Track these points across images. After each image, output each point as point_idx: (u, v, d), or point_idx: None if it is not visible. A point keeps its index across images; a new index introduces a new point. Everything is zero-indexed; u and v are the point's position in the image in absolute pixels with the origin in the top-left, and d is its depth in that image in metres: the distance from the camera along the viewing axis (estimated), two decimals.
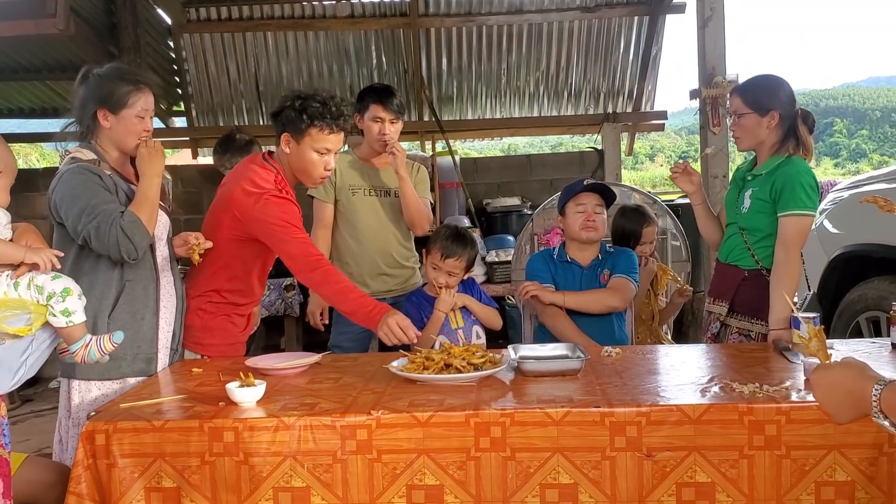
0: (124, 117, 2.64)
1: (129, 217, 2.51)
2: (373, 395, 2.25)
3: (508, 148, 20.81)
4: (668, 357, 2.74)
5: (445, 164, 7.48)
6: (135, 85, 2.66)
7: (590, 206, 3.42)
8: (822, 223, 4.79)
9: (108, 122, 2.64)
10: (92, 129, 2.67)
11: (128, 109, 2.64)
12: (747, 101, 3.02)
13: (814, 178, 2.95)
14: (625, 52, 7.99)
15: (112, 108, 2.63)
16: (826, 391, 1.50)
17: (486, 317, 3.34)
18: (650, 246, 3.93)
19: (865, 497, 2.01)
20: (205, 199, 7.81)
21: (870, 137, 50.78)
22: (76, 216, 2.50)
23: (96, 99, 2.64)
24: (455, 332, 3.21)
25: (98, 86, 2.65)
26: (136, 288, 2.65)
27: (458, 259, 3.20)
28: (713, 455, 2.02)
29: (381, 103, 3.62)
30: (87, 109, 2.66)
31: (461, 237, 3.25)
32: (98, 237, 2.47)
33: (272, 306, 6.30)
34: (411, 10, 7.53)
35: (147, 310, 2.68)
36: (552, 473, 2.03)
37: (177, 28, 7.63)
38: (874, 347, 2.72)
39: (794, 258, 2.89)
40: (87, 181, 2.54)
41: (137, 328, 2.64)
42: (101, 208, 2.50)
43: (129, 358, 2.64)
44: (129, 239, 2.48)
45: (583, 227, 3.42)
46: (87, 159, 2.61)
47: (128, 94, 2.64)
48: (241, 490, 2.07)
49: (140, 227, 2.52)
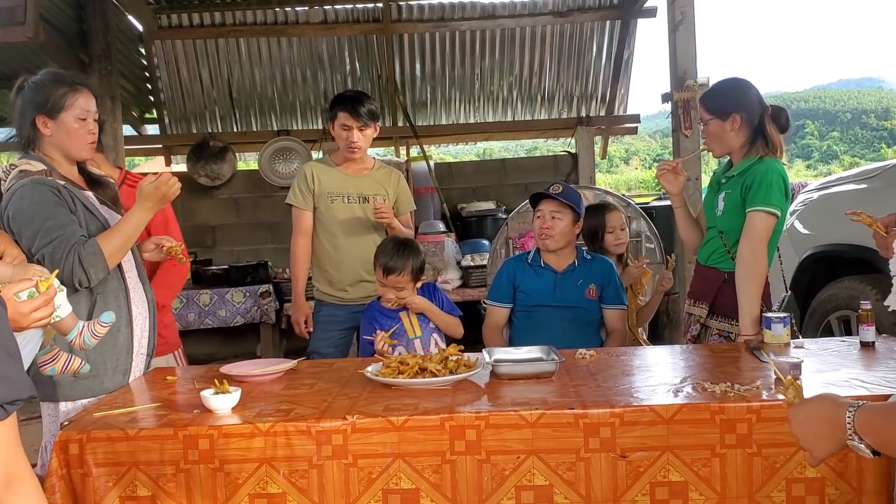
0: (63, 121, 2.53)
1: (90, 248, 2.42)
2: (348, 400, 2.25)
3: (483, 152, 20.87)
4: (642, 358, 2.76)
5: (420, 169, 7.51)
6: (70, 86, 2.54)
7: (546, 212, 3.42)
8: (793, 224, 4.85)
9: (48, 128, 2.53)
10: (33, 138, 2.55)
11: (66, 112, 2.52)
12: (709, 108, 3.06)
13: (783, 178, 2.96)
14: (597, 56, 8.06)
15: (49, 113, 2.52)
16: (802, 424, 1.52)
17: (446, 325, 3.28)
18: (623, 232, 3.90)
19: (835, 493, 2.04)
20: (178, 206, 7.72)
21: (841, 139, 51.40)
22: (30, 237, 2.40)
23: (33, 106, 2.52)
24: (412, 342, 3.19)
25: (34, 92, 2.53)
26: (107, 300, 2.56)
27: (400, 273, 3.13)
28: (686, 454, 2.04)
29: (348, 111, 3.63)
30: (25, 118, 2.54)
31: (400, 250, 3.16)
32: (52, 262, 2.36)
33: (248, 313, 6.29)
34: (384, 15, 7.54)
35: (121, 321, 2.60)
36: (527, 475, 2.05)
37: (148, 35, 7.59)
38: (843, 346, 2.76)
39: (760, 255, 2.90)
40: (42, 199, 2.43)
41: (115, 341, 2.59)
42: (58, 233, 2.41)
43: (110, 371, 2.59)
44: (84, 270, 2.40)
45: (539, 234, 3.44)
46: (37, 171, 2.49)
47: (63, 97, 2.52)
48: (217, 497, 2.06)
49: (100, 259, 2.43)
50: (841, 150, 48.77)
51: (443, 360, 2.47)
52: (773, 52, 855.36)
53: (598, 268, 3.50)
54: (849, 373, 2.34)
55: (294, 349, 6.18)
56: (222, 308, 6.26)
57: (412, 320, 3.24)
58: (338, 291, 3.77)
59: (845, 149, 48.96)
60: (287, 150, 7.58)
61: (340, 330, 3.80)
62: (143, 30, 7.62)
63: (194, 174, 7.61)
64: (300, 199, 3.71)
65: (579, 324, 3.40)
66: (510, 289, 3.49)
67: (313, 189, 3.71)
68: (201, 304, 6.23)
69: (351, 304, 3.77)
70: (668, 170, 3.25)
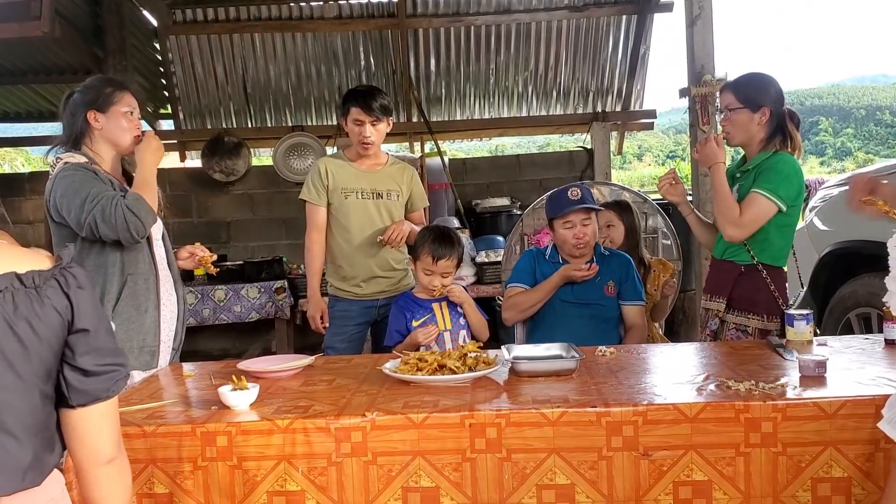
0: (113, 114, 2.78)
1: (132, 196, 2.64)
2: (367, 397, 2.23)
3: (496, 149, 20.82)
4: (663, 356, 2.73)
5: (434, 165, 7.48)
6: (117, 86, 2.83)
7: (577, 222, 3.38)
8: (812, 220, 4.81)
9: (98, 122, 2.77)
10: (84, 132, 2.78)
11: (115, 106, 2.78)
12: (740, 97, 3.04)
13: (796, 172, 2.98)
14: (613, 52, 8.01)
15: (100, 108, 2.76)
16: None
17: (478, 322, 3.29)
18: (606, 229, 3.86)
19: (862, 493, 2.00)
20: (194, 202, 7.79)
21: (855, 136, 51.05)
22: (79, 207, 2.60)
23: (84, 104, 2.77)
24: (441, 335, 3.19)
25: (84, 93, 2.79)
26: (137, 281, 2.74)
27: (450, 259, 3.18)
28: (710, 453, 2.01)
29: (360, 105, 3.61)
30: (77, 116, 2.78)
31: (447, 236, 3.22)
32: (104, 219, 2.57)
33: (262, 309, 6.30)
34: (399, 10, 7.52)
35: (149, 303, 2.78)
36: (549, 474, 2.02)
37: (163, 30, 7.59)
38: (868, 344, 2.72)
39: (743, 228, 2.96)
40: (84, 177, 2.65)
41: (142, 321, 2.75)
42: (103, 194, 2.61)
43: (136, 350, 2.73)
44: (136, 215, 2.60)
45: (574, 245, 3.39)
46: (81, 163, 2.71)
47: (112, 94, 2.79)
48: (235, 495, 2.04)
49: (144, 204, 2.64)
50: (855, 146, 48.45)
51: (462, 357, 2.46)
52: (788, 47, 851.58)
53: (615, 264, 3.47)
54: (875, 370, 2.30)
55: (307, 345, 6.17)
56: (237, 304, 6.26)
57: (444, 312, 3.25)
58: (352, 287, 3.75)
59: (859, 145, 48.64)
60: (301, 145, 7.57)
61: (354, 325, 3.79)
62: (157, 25, 7.63)
63: (209, 170, 7.61)
64: (314, 194, 3.70)
65: (598, 321, 3.38)
66: (532, 274, 3.47)
67: (327, 185, 3.69)
68: (216, 300, 6.23)
69: (364, 299, 3.76)
70: (667, 185, 3.27)
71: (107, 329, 1.44)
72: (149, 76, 7.89)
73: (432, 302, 3.25)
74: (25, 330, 1.33)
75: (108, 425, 1.47)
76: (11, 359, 1.33)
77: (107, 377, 1.43)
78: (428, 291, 3.23)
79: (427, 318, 3.20)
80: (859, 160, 38.46)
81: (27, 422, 1.37)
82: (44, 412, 1.40)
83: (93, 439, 1.46)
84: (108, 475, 1.47)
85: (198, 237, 3.04)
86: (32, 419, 1.38)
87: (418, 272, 3.26)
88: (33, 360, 1.35)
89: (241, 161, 7.66)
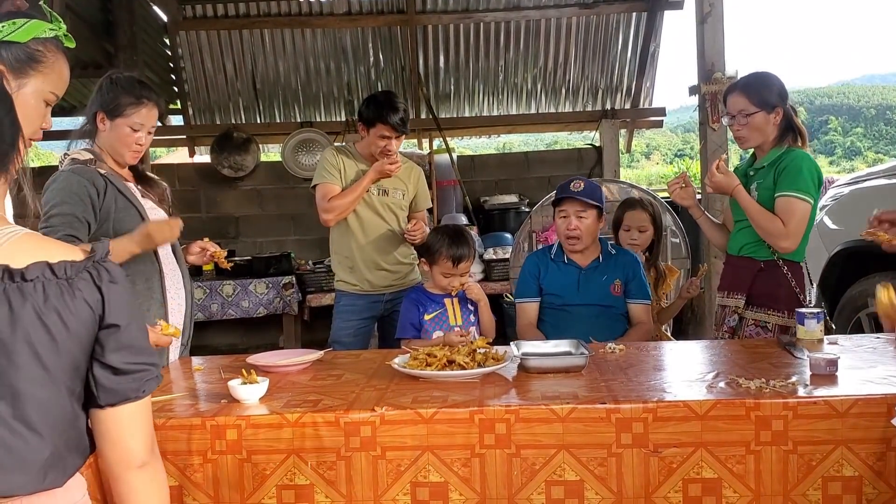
0: (117, 125, 2.71)
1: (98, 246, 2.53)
2: (376, 392, 2.23)
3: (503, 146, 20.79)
4: (672, 353, 2.73)
5: (443, 161, 7.47)
6: (137, 98, 2.72)
7: (570, 212, 3.37)
8: (823, 219, 4.79)
9: (104, 125, 2.72)
10: (92, 130, 2.75)
11: (122, 119, 2.70)
12: (754, 101, 3.03)
13: (816, 168, 2.99)
14: (623, 49, 7.98)
15: (108, 114, 2.71)
16: None
17: (488, 321, 3.29)
18: (638, 232, 3.78)
19: (873, 492, 1.99)
20: (202, 197, 7.80)
21: (864, 135, 50.76)
22: (42, 216, 2.56)
23: (99, 102, 2.72)
24: (451, 329, 3.19)
25: (106, 90, 2.73)
26: (136, 282, 2.67)
27: (468, 260, 3.20)
28: (720, 451, 2.00)
29: (391, 125, 3.62)
30: (90, 111, 2.75)
31: (462, 237, 3.22)
32: None
33: (270, 304, 6.30)
34: (408, 6, 7.51)
35: (152, 301, 2.73)
36: (558, 470, 2.02)
37: (173, 25, 7.60)
38: (879, 343, 2.71)
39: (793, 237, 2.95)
40: (67, 187, 2.58)
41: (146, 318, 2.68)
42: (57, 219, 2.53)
43: None
44: None
45: (565, 236, 3.40)
46: (85, 159, 2.68)
47: (126, 106, 2.70)
48: (244, 488, 2.04)
49: None
50: (865, 146, 48.18)
51: (471, 353, 2.46)
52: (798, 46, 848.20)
53: (622, 262, 3.46)
54: (886, 369, 2.29)
55: (314, 340, 6.17)
56: (245, 299, 6.27)
57: (455, 308, 3.26)
58: (358, 281, 3.78)
59: (869, 145, 48.38)
60: (310, 141, 7.58)
61: (360, 319, 3.81)
62: (167, 20, 7.64)
63: (218, 165, 7.62)
64: (330, 175, 3.70)
65: (606, 320, 3.37)
66: (536, 284, 3.45)
67: (340, 170, 3.71)
68: (224, 295, 6.24)
69: (370, 293, 3.80)
70: (677, 188, 3.25)
71: (139, 327, 1.40)
72: (158, 72, 7.89)
73: (444, 297, 3.26)
74: (55, 321, 1.30)
75: (139, 428, 1.42)
76: (40, 351, 1.29)
77: (137, 376, 1.39)
78: (444, 289, 3.24)
79: (439, 313, 3.21)
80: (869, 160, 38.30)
81: (51, 418, 1.33)
82: (70, 410, 1.37)
83: (123, 442, 1.41)
84: (142, 481, 1.43)
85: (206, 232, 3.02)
86: (57, 416, 1.34)
87: (435, 275, 3.25)
88: (62, 353, 1.31)
89: (249, 157, 7.67)
